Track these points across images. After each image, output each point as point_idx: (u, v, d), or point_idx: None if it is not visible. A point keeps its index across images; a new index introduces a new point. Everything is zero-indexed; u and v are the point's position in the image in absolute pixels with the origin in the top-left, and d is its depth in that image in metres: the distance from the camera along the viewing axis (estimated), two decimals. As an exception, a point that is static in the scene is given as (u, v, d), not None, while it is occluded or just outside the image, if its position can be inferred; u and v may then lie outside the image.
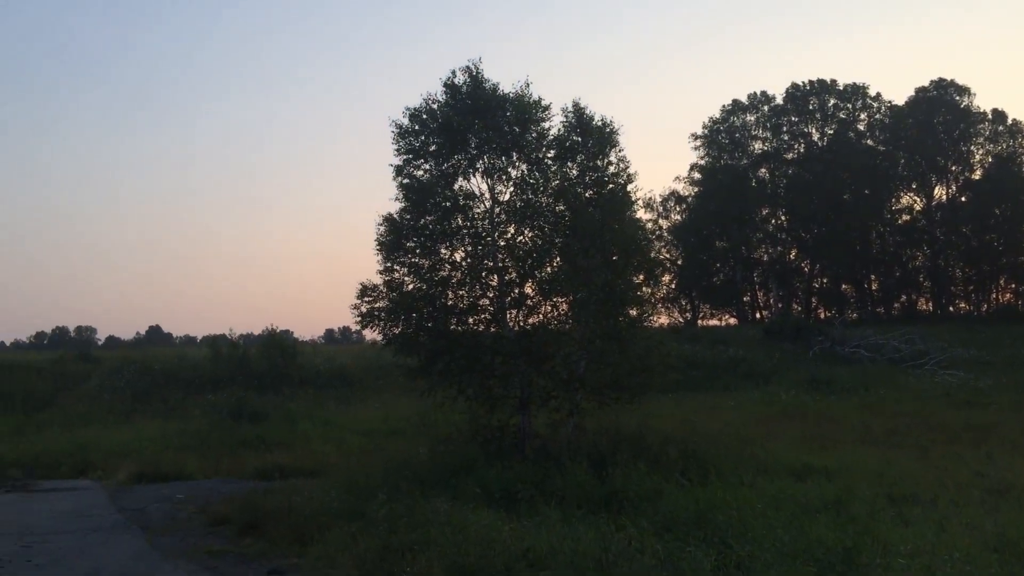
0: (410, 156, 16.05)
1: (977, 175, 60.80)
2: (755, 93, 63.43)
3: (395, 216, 15.75)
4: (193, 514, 13.62)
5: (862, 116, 62.42)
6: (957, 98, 60.24)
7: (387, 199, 15.95)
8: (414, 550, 9.15)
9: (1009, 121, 60.30)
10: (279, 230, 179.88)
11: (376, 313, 15.57)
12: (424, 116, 15.95)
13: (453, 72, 15.98)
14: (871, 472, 14.23)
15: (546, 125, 16.19)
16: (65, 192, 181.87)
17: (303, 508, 11.72)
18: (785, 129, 62.69)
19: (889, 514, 10.68)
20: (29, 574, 10.13)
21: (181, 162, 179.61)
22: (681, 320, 60.38)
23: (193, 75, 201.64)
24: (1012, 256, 58.50)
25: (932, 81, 60.90)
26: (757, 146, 63.80)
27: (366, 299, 15.64)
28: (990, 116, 60.46)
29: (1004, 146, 60.52)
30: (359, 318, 15.73)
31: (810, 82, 61.79)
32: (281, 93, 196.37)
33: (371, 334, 17.13)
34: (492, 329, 15.69)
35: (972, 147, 60.89)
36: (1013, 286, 61.31)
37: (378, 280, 15.72)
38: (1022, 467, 14.41)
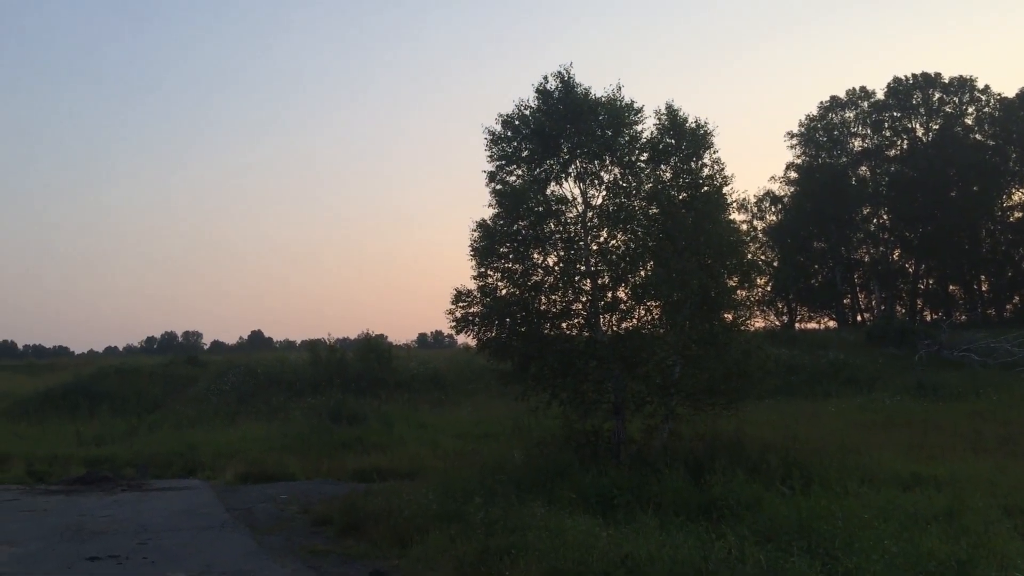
0: (503, 162, 16.22)
1: (1094, 168, 57.27)
2: (854, 89, 61.34)
3: (488, 222, 15.92)
4: (296, 514, 14.06)
5: (970, 110, 59.57)
6: (1073, 87, 56.86)
7: (481, 205, 16.11)
8: (512, 554, 9.22)
9: None
10: (374, 236, 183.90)
11: (470, 318, 15.78)
12: (517, 122, 16.08)
13: (545, 78, 16.09)
14: (984, 482, 13.57)
15: (639, 128, 16.14)
16: (174, 201, 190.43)
17: (402, 510, 11.95)
18: (887, 125, 60.38)
19: (1005, 526, 10.16)
20: (146, 570, 10.64)
21: (278, 170, 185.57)
22: (778, 323, 58.78)
23: (314, 79, 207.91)
24: None
25: (1046, 70, 57.73)
26: (857, 143, 61.66)
27: (460, 304, 15.88)
28: (1107, 105, 56.84)
29: (1125, 137, 56.77)
30: (454, 323, 16.00)
31: (913, 76, 59.37)
32: (373, 97, 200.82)
33: (464, 338, 17.38)
34: (585, 334, 15.69)
35: (1091, 139, 57.35)
36: None
37: (472, 285, 15.95)
38: None
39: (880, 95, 60.26)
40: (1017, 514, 11.18)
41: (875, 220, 61.24)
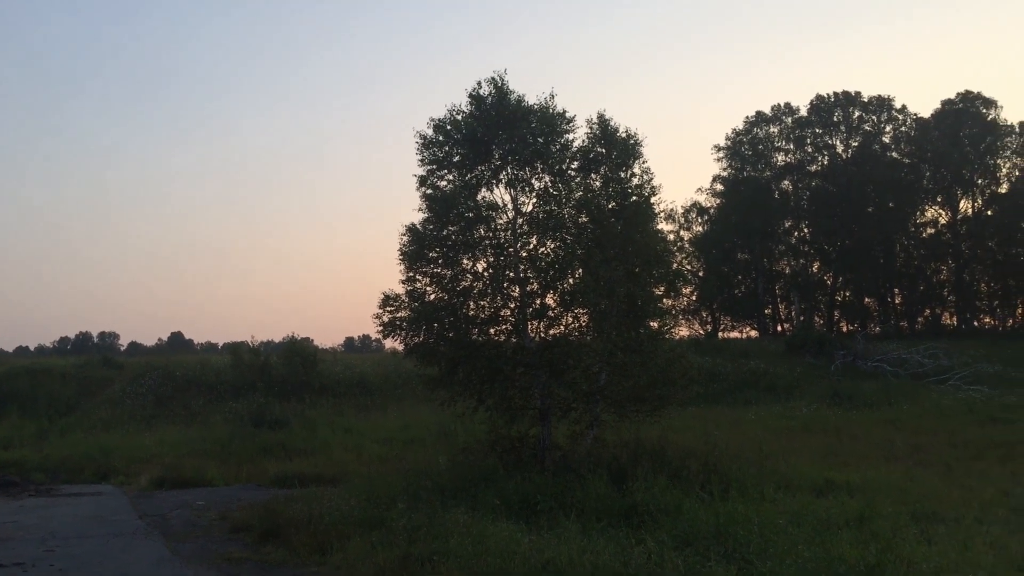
0: (434, 166, 16.13)
1: (1004, 188, 60.14)
2: (779, 105, 63.17)
3: (418, 226, 15.83)
4: (214, 521, 13.72)
5: (887, 128, 61.96)
6: (984, 111, 59.65)
7: (411, 209, 16.04)
8: (434, 560, 9.18)
9: (1037, 133, 59.61)
10: (301, 239, 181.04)
11: (398, 322, 15.64)
12: (448, 127, 16.03)
13: (479, 83, 16.06)
14: (894, 489, 14.09)
15: (570, 137, 16.24)
16: (89, 198, 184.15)
17: (323, 516, 11.78)
18: (809, 141, 62.34)
19: (912, 532, 10.56)
20: (53, 578, 10.24)
21: (203, 170, 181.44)
22: (702, 332, 60.05)
23: (216, 84, 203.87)
24: (1039, 270, 57.76)
25: (958, 93, 60.36)
26: (780, 158, 63.49)
27: (388, 308, 15.73)
28: (1017, 129, 59.79)
29: (1031, 159, 59.80)
30: (381, 327, 15.83)
31: (835, 94, 61.45)
32: (302, 101, 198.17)
33: (392, 343, 17.23)
34: (513, 340, 15.70)
35: (998, 160, 60.18)
36: (1040, 301, 60.50)
37: (400, 290, 15.82)
38: (1050, 486, 14.20)
39: (803, 112, 62.24)
40: (925, 520, 11.60)
41: (796, 233, 63.15)
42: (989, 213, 59.70)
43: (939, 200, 61.47)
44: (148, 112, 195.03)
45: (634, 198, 16.53)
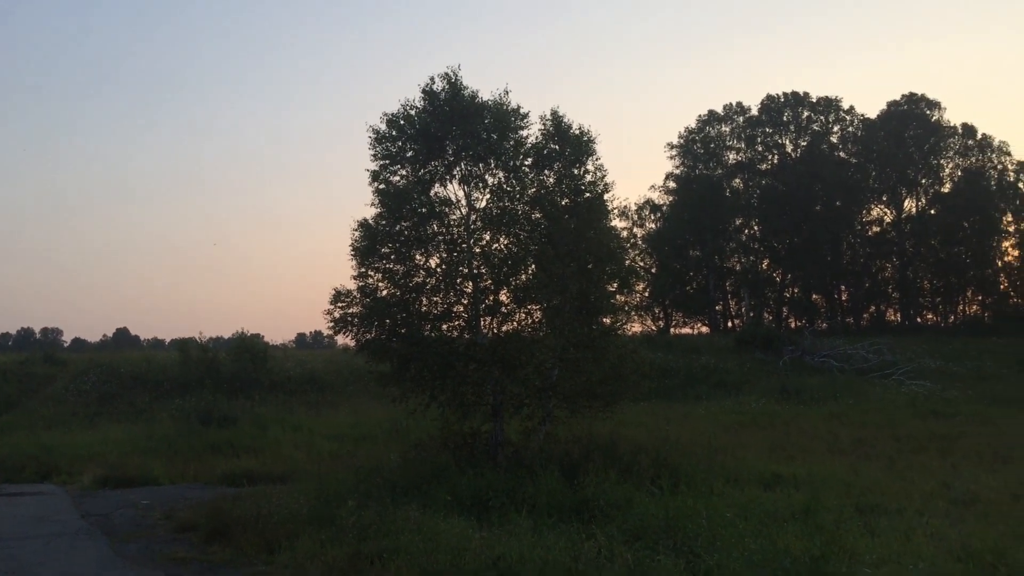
0: (387, 161, 16.00)
1: (946, 188, 61.76)
2: (730, 104, 64.06)
3: (370, 222, 15.68)
4: (159, 520, 13.45)
5: (835, 129, 63.25)
6: (928, 112, 61.19)
7: (363, 204, 15.89)
8: (384, 558, 9.12)
9: (978, 136, 61.36)
10: (251, 233, 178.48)
11: (349, 318, 15.50)
12: (402, 122, 15.91)
13: (432, 78, 15.97)
14: (839, 482, 14.38)
15: (524, 133, 16.23)
16: (29, 191, 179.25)
17: (272, 515, 11.60)
18: (759, 140, 63.31)
19: (856, 524, 10.78)
20: (-10, 581, 9.95)
21: (151, 163, 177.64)
22: (654, 328, 60.61)
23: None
24: (979, 269, 59.48)
25: (903, 95, 61.87)
26: (732, 156, 64.38)
27: (339, 304, 15.57)
28: (960, 130, 61.45)
29: (973, 160, 61.53)
30: (332, 323, 15.67)
31: (784, 94, 62.50)
32: (254, 97, 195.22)
33: (343, 339, 17.06)
34: (466, 336, 15.66)
35: (942, 161, 61.85)
36: (980, 298, 62.30)
37: (352, 285, 15.66)
38: (987, 478, 14.61)
39: (754, 111, 63.17)
40: (868, 512, 11.86)
41: (747, 231, 64.11)
42: (932, 212, 61.27)
43: (884, 199, 62.95)
44: (94, 108, 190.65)
45: (587, 195, 16.60)
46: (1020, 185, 61.47)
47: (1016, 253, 61.21)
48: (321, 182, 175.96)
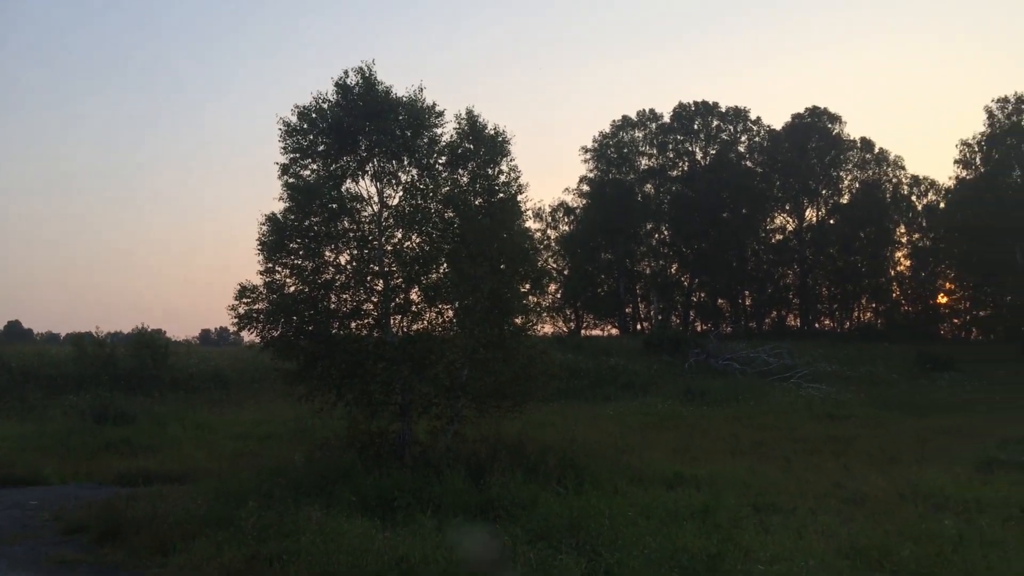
0: (297, 155, 15.67)
1: (845, 199, 64.46)
2: (644, 111, 65.43)
3: (279, 216, 15.31)
4: (47, 521, 12.83)
5: (743, 138, 65.34)
6: (829, 125, 63.79)
7: (272, 198, 15.54)
8: (283, 559, 8.93)
9: (876, 149, 64.37)
10: (153, 226, 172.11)
11: (254, 315, 15.11)
12: (313, 115, 15.60)
13: (345, 72, 15.72)
14: (738, 482, 14.78)
15: (438, 131, 16.13)
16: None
17: (168, 515, 11.19)
18: (671, 147, 64.83)
19: (752, 522, 11.11)
20: None
21: (49, 153, 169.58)
22: (565, 330, 61.31)
23: (66, 68, 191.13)
24: (873, 277, 62.37)
25: (807, 108, 64.39)
26: (644, 162, 65.73)
27: (244, 300, 15.16)
28: (859, 144, 64.29)
29: (870, 173, 64.48)
30: (236, 319, 15.25)
31: (696, 103, 64.17)
32: (157, 86, 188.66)
33: (249, 336, 16.62)
34: (375, 334, 15.49)
35: (841, 172, 64.61)
36: (874, 305, 65.28)
37: (258, 281, 15.28)
38: (877, 478, 15.24)
39: (667, 118, 64.61)
40: (764, 511, 12.24)
41: (657, 235, 65.55)
42: (831, 222, 63.91)
43: (787, 208, 65.32)
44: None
45: (501, 195, 16.61)
46: (913, 198, 64.75)
47: (908, 263, 64.44)
48: (231, 174, 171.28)
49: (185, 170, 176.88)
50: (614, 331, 63.36)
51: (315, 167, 15.77)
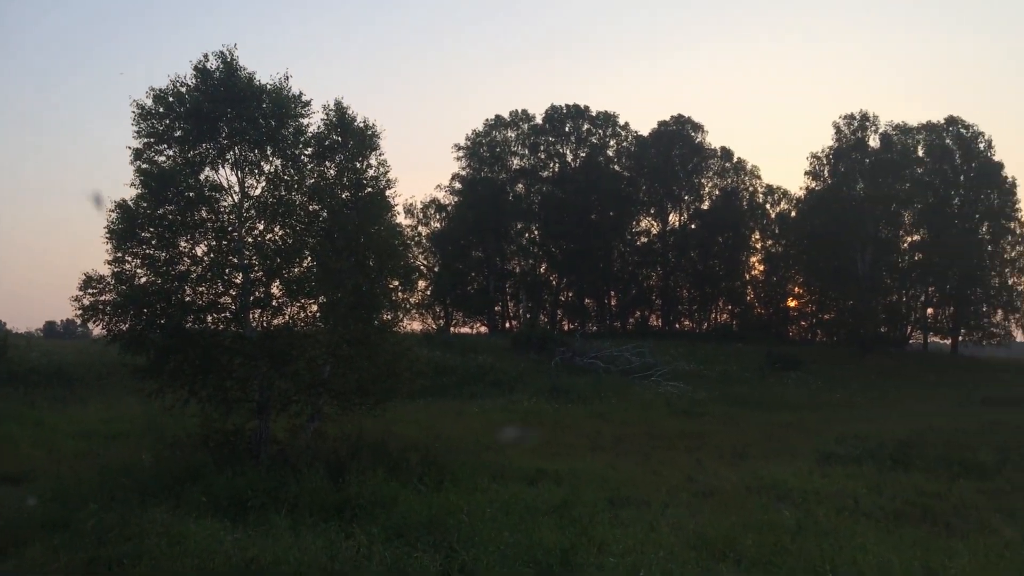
0: (152, 140, 14.92)
1: (706, 205, 67.30)
2: (516, 111, 66.08)
3: (130, 203, 14.52)
4: None
5: (611, 143, 67.07)
6: (693, 134, 66.41)
7: (124, 184, 14.70)
8: (124, 563, 8.49)
9: (735, 159, 67.54)
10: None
11: (101, 306, 14.28)
12: (170, 99, 14.89)
13: (205, 56, 15.09)
14: (597, 477, 15.12)
15: (305, 122, 15.77)
16: None
17: (-2, 519, 10.46)
18: (542, 148, 65.81)
19: (608, 516, 11.39)
20: None
21: None
22: (435, 327, 61.18)
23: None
24: (730, 280, 65.47)
25: (672, 117, 66.77)
26: (516, 162, 66.44)
27: (90, 291, 14.31)
28: (719, 152, 67.30)
29: (729, 181, 67.58)
30: (81, 311, 14.38)
31: (567, 106, 65.39)
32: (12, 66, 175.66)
33: (97, 329, 15.69)
34: (233, 328, 14.95)
35: (703, 179, 67.39)
36: (730, 307, 68.46)
37: (106, 271, 14.45)
38: (727, 472, 15.96)
39: (539, 119, 65.55)
40: (620, 505, 12.57)
41: (527, 235, 66.39)
42: (693, 227, 66.55)
43: (652, 212, 67.55)
44: None
45: (369, 189, 16.42)
46: (767, 206, 68.36)
47: (761, 268, 67.96)
48: (78, 158, 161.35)
49: (22, 150, 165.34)
50: (483, 329, 63.74)
51: (171, 153, 15.09)
